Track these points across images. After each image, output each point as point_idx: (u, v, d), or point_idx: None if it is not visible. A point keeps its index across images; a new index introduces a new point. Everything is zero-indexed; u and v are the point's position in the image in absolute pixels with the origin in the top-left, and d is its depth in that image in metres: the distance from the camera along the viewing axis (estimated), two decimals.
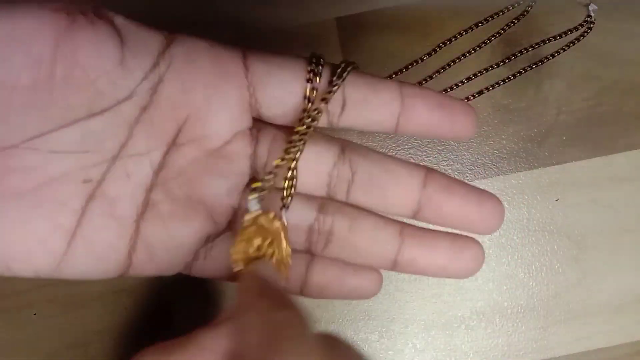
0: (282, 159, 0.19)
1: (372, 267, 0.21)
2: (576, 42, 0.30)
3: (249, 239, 0.19)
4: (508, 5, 0.30)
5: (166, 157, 0.19)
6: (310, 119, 0.19)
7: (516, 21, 0.30)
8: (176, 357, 0.14)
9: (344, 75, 0.19)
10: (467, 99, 0.30)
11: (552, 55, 0.30)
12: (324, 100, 0.19)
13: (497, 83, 0.30)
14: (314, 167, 0.20)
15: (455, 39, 0.30)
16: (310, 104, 0.19)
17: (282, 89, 0.19)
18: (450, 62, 0.30)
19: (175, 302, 0.29)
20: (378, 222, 0.20)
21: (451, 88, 0.30)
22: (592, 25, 0.29)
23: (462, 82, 0.30)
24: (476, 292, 0.30)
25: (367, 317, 0.30)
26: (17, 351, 0.29)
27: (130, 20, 0.18)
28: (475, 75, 0.30)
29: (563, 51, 0.29)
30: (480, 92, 0.30)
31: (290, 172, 0.19)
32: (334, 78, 0.19)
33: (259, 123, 0.20)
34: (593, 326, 0.29)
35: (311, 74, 0.19)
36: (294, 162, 0.19)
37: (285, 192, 0.19)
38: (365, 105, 0.19)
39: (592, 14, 0.29)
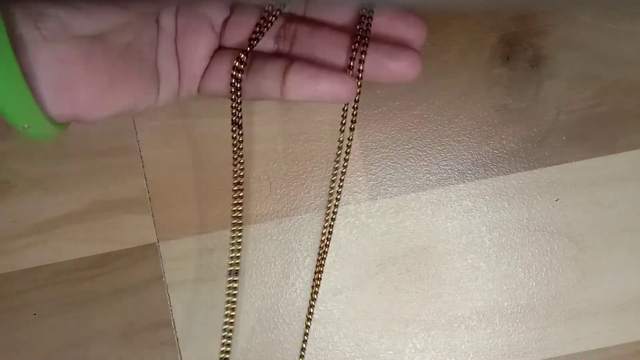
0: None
1: (344, 73, 0.24)
2: None
3: None
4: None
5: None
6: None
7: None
8: None
9: None
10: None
11: None
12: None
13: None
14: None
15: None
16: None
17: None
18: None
19: (175, 301, 0.29)
20: (332, 31, 0.25)
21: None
22: None
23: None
24: (476, 292, 0.30)
25: (367, 317, 0.30)
26: (17, 351, 0.29)
27: None
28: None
29: None
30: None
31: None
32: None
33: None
34: (593, 326, 0.30)
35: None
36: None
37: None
38: None
39: None
